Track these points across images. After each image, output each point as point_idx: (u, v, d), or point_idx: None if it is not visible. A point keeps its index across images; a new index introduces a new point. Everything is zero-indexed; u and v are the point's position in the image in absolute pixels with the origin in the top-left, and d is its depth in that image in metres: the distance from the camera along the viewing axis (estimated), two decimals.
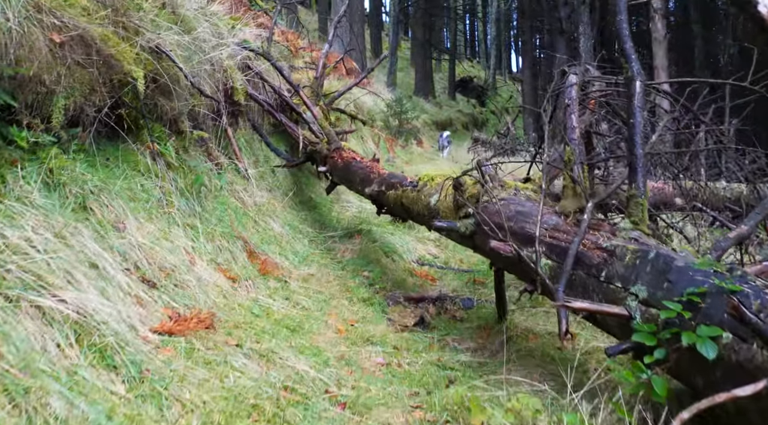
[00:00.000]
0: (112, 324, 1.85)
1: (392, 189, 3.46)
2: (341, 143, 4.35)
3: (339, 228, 4.72)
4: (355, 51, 10.88)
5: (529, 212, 2.47)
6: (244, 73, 4.54)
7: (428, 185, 3.14)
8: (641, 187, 2.11)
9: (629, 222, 2.10)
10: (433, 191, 3.06)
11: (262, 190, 4.42)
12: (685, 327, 1.69)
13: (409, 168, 9.04)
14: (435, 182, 3.10)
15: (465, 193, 2.75)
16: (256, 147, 4.83)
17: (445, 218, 2.89)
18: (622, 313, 1.87)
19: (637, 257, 1.95)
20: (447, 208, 2.88)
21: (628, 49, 2.31)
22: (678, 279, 1.80)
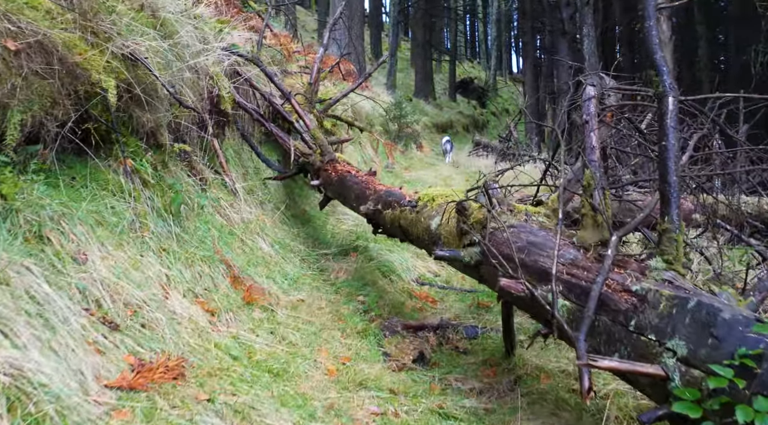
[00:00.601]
0: (54, 386, 1.56)
1: (389, 208, 3.17)
2: (336, 154, 4.07)
3: (333, 245, 4.44)
4: (353, 54, 10.59)
5: (542, 242, 2.18)
6: (233, 79, 4.25)
7: (428, 206, 2.85)
8: (675, 220, 1.82)
9: (661, 261, 1.82)
10: (434, 214, 2.77)
11: (251, 205, 4.14)
12: (738, 398, 1.40)
13: (408, 175, 8.76)
14: (436, 203, 2.81)
15: (470, 218, 2.46)
16: (245, 158, 4.55)
17: (447, 244, 2.60)
18: (657, 373, 1.59)
19: (673, 306, 1.66)
20: (449, 233, 2.59)
21: (658, 60, 2.03)
22: (725, 335, 1.51)
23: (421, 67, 24.36)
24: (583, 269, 1.99)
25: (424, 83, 24.47)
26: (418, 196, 3.02)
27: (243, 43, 4.63)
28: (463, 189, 3.01)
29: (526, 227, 2.30)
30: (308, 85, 5.00)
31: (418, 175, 8.76)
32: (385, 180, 8.08)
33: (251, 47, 4.75)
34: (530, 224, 2.32)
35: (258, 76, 4.68)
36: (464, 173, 10.61)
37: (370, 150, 8.62)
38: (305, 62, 5.88)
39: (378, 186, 3.46)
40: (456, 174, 9.92)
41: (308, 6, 33.80)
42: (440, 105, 26.17)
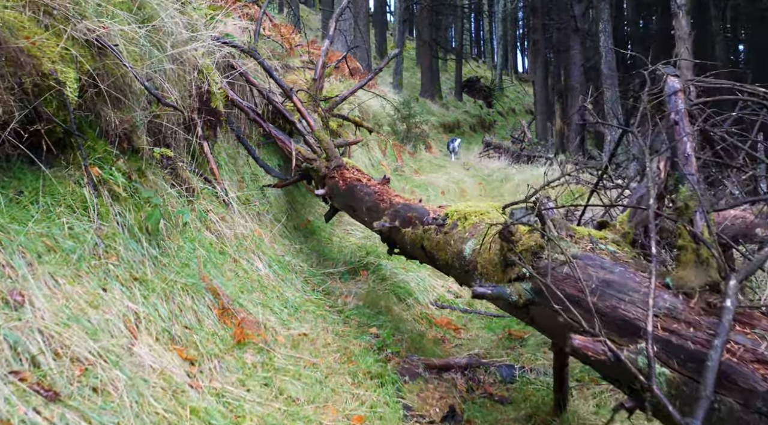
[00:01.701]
0: None
1: (409, 226, 2.64)
2: (343, 159, 3.54)
3: (341, 261, 3.91)
4: (360, 49, 10.06)
5: (620, 282, 1.65)
6: (226, 73, 3.74)
7: (459, 225, 2.32)
8: None
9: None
10: (468, 236, 2.24)
11: (246, 217, 3.62)
12: None
13: (419, 178, 8.23)
14: (469, 223, 2.28)
15: (518, 245, 1.93)
16: (241, 163, 4.03)
17: (486, 275, 2.08)
18: None
19: None
20: (488, 262, 2.06)
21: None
22: None
23: (428, 66, 23.83)
24: (688, 324, 1.45)
25: (430, 83, 23.94)
26: (444, 212, 2.49)
27: (239, 33, 4.11)
28: (497, 204, 2.49)
29: (594, 260, 1.76)
30: (312, 81, 4.48)
31: (429, 178, 8.23)
32: (395, 184, 7.56)
33: (248, 38, 4.23)
34: (599, 254, 1.79)
35: (256, 71, 4.16)
36: (476, 175, 10.08)
37: (378, 152, 8.10)
38: (309, 57, 5.36)
39: (394, 198, 2.93)
40: (468, 177, 9.39)
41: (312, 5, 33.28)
42: (447, 105, 25.65)
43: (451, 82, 30.31)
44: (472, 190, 8.35)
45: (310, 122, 3.59)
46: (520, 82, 43.12)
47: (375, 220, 2.94)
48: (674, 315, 1.49)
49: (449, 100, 27.33)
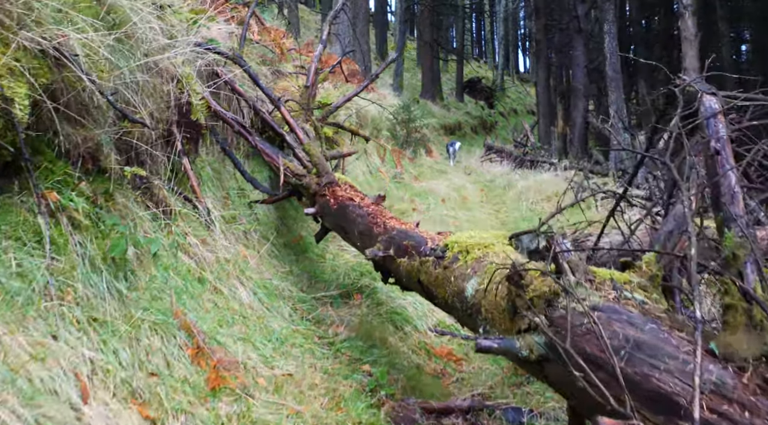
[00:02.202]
0: None
1: (405, 256, 2.37)
2: (335, 175, 3.28)
3: (333, 284, 3.64)
4: (357, 52, 9.79)
5: (653, 344, 1.38)
6: (210, 82, 3.47)
7: (460, 259, 2.05)
8: None
9: None
10: (470, 272, 1.98)
11: (230, 238, 3.35)
12: None
13: (419, 185, 7.97)
14: (471, 257, 2.02)
15: (528, 290, 1.66)
16: (227, 177, 3.77)
17: (492, 321, 1.81)
18: None
19: None
20: (494, 306, 1.80)
21: None
22: None
23: (428, 67, 23.57)
24: (741, 406, 1.18)
25: (431, 84, 23.68)
26: (444, 242, 2.22)
27: (225, 38, 3.84)
28: (502, 234, 2.22)
29: (620, 313, 1.49)
30: (304, 88, 4.22)
31: (429, 185, 7.97)
32: (394, 192, 7.30)
33: (235, 43, 3.96)
34: (624, 306, 1.52)
35: (244, 79, 3.89)
36: (478, 181, 9.81)
37: (376, 158, 7.83)
38: (302, 61, 5.09)
39: (389, 221, 2.66)
40: (469, 183, 9.12)
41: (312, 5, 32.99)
42: (448, 106, 25.38)
43: (452, 83, 30.03)
44: (473, 197, 8.09)
45: (300, 134, 3.32)
46: (522, 83, 42.83)
47: (368, 245, 2.67)
48: (723, 393, 1.22)
49: (450, 102, 27.06)
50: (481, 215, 6.98)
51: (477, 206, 7.55)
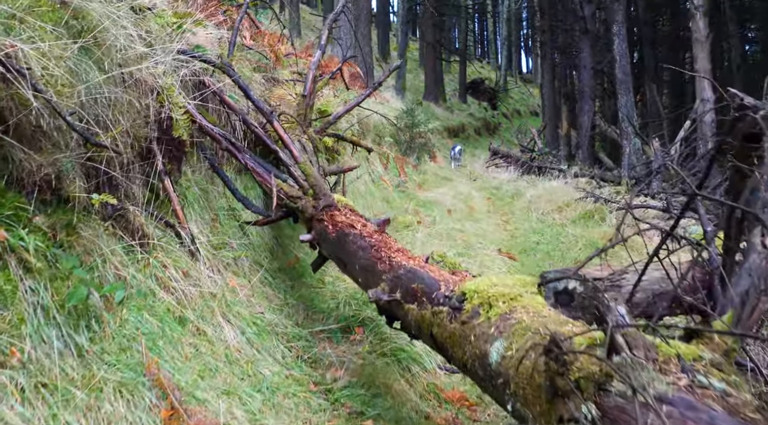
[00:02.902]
0: None
1: (414, 302, 2.04)
2: (334, 196, 2.94)
3: (333, 315, 3.31)
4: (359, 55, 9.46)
5: None
6: (196, 93, 3.14)
7: (482, 314, 1.72)
8: None
9: None
10: (493, 331, 1.64)
11: (218, 266, 3.02)
12: None
13: (423, 194, 7.63)
14: (495, 313, 1.68)
15: (572, 368, 1.32)
16: (215, 196, 3.44)
17: (524, 399, 1.47)
18: None
19: None
20: (527, 382, 1.46)
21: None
22: None
23: (431, 68, 23.23)
24: None
25: (434, 85, 23.34)
26: (460, 289, 1.88)
27: (214, 44, 3.51)
28: (530, 280, 1.88)
29: (697, 410, 1.16)
30: (301, 97, 3.89)
31: (434, 195, 7.63)
32: (397, 202, 6.96)
33: (227, 50, 3.63)
34: (701, 398, 1.18)
35: (234, 88, 3.56)
36: (484, 188, 9.47)
37: (379, 166, 7.50)
38: (299, 67, 4.75)
39: (395, 256, 2.32)
40: (475, 191, 8.78)
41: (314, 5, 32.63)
42: (451, 107, 25.04)
43: (455, 84, 29.68)
44: (480, 207, 7.74)
45: (294, 151, 2.99)
46: (525, 83, 42.47)
47: (370, 283, 2.34)
48: None
49: (453, 103, 26.72)
50: (489, 227, 6.63)
51: (484, 216, 7.21)
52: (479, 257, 5.17)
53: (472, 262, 4.98)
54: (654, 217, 6.46)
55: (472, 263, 4.95)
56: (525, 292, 1.75)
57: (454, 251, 5.10)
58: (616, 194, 7.48)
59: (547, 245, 5.87)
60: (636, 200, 6.96)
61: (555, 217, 6.84)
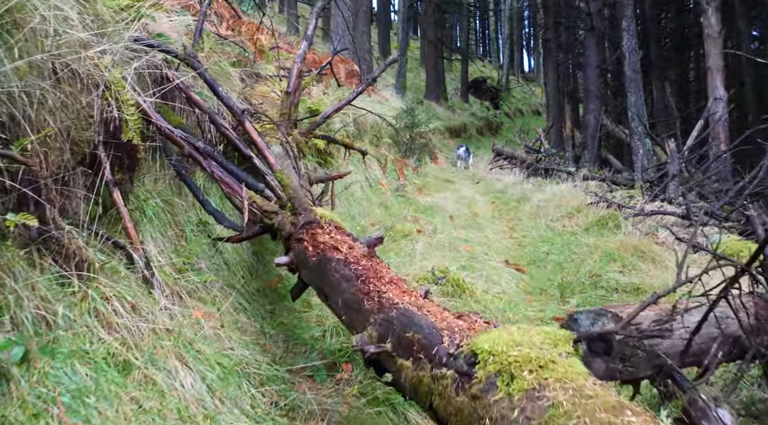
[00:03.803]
0: None
1: (409, 357, 1.57)
2: (317, 211, 2.48)
3: (317, 348, 2.85)
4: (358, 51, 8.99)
5: None
6: (158, 89, 2.68)
7: (500, 386, 1.25)
8: None
9: None
10: (518, 416, 1.17)
11: (181, 292, 2.56)
12: None
13: (424, 199, 7.16)
14: (518, 387, 1.21)
15: None
16: (182, 208, 2.98)
17: None
18: None
19: None
20: None
21: None
22: None
23: (433, 67, 22.77)
24: None
25: (435, 84, 22.89)
26: (470, 346, 1.42)
27: (181, 33, 3.05)
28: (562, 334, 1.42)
29: None
30: (285, 94, 3.43)
31: (435, 199, 7.16)
32: (396, 208, 6.50)
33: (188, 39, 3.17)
34: None
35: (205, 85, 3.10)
36: (488, 191, 9.00)
37: (376, 169, 7.03)
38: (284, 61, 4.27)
39: (386, 290, 1.86)
40: (479, 195, 8.32)
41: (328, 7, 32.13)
42: (452, 107, 24.59)
43: (457, 83, 29.23)
44: (484, 212, 7.27)
45: (270, 158, 2.53)
46: (527, 82, 41.98)
47: (355, 323, 1.88)
48: None
49: (455, 102, 26.27)
50: (495, 235, 6.17)
51: (489, 223, 6.74)
52: (485, 270, 4.71)
53: (477, 276, 4.52)
54: (673, 224, 5.99)
55: (477, 277, 4.49)
56: (558, 355, 1.29)
57: (457, 264, 4.64)
58: (630, 199, 7.00)
59: (558, 255, 5.40)
60: (651, 205, 6.49)
61: (565, 223, 6.37)
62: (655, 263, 4.82)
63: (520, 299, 4.33)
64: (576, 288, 4.45)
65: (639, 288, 4.24)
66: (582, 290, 4.42)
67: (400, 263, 4.49)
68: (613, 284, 4.39)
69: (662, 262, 4.85)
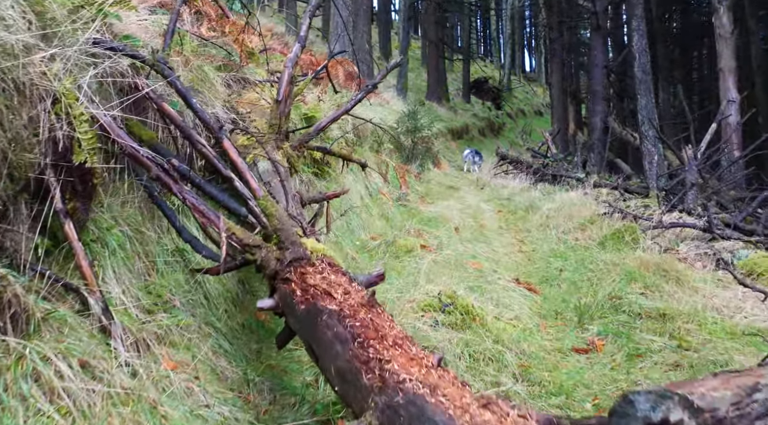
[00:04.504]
0: None
1: None
2: (307, 244, 2.10)
3: (308, 399, 2.46)
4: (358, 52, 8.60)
5: None
6: (122, 100, 2.30)
7: None
8: None
9: None
10: None
11: (149, 338, 2.18)
12: None
13: (427, 209, 6.77)
14: None
15: None
16: (155, 235, 2.60)
17: None
18: None
19: None
20: None
21: None
22: None
23: (434, 67, 22.38)
24: None
25: (437, 84, 22.50)
26: None
27: (153, 35, 2.67)
28: None
29: None
30: (275, 103, 3.05)
31: (438, 209, 6.77)
32: (398, 220, 6.12)
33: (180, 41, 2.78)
34: None
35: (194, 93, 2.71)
36: (493, 198, 8.61)
37: (377, 177, 6.65)
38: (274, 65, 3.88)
39: (388, 357, 1.48)
40: (485, 203, 7.92)
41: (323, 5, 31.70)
42: (454, 108, 24.21)
43: (458, 83, 28.86)
44: (491, 222, 6.89)
45: (252, 182, 2.14)
46: (528, 82, 41.60)
47: (350, 399, 1.50)
48: None
49: (457, 103, 25.90)
50: (503, 249, 5.79)
51: (496, 235, 6.36)
52: (495, 291, 4.33)
53: (486, 298, 4.14)
54: (694, 238, 5.61)
55: (487, 300, 4.10)
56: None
57: (465, 285, 4.26)
58: (645, 209, 6.61)
59: (572, 273, 5.02)
60: (669, 217, 6.11)
61: (578, 236, 5.98)
62: (680, 283, 4.43)
63: (535, 326, 3.95)
64: (595, 312, 4.07)
65: (665, 314, 3.86)
66: (602, 315, 4.04)
67: (404, 285, 4.12)
68: (636, 309, 4.00)
69: (687, 282, 4.46)
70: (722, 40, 11.46)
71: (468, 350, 3.11)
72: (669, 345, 3.46)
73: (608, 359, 3.44)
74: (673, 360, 3.28)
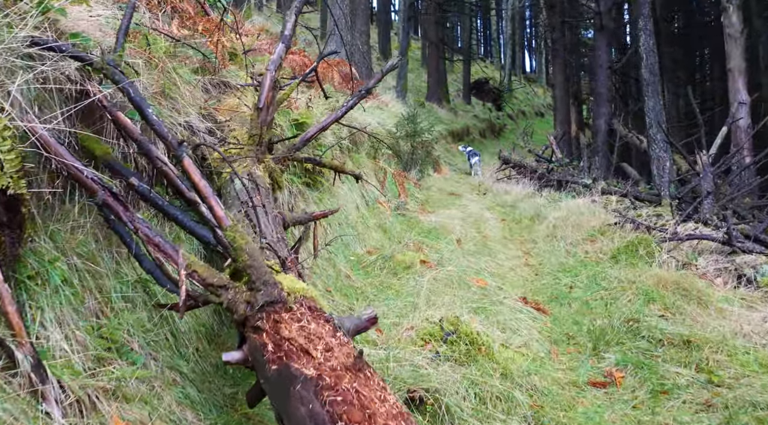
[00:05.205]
0: None
1: None
2: (283, 283, 1.74)
3: None
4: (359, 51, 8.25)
5: None
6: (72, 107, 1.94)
7: None
8: None
9: None
10: None
11: (95, 395, 1.82)
12: None
13: (427, 219, 6.41)
14: None
15: None
16: (113, 263, 2.24)
17: None
18: None
19: None
20: None
21: None
22: None
23: (434, 68, 22.04)
24: None
25: (437, 86, 22.17)
26: None
27: (108, 33, 2.31)
28: None
29: None
30: (255, 111, 2.69)
31: (439, 218, 6.41)
32: (397, 231, 5.76)
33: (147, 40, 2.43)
34: None
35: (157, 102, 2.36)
36: (496, 205, 8.25)
37: (374, 184, 6.29)
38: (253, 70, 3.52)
39: None
40: (487, 211, 7.56)
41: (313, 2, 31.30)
42: (454, 109, 23.86)
43: (459, 84, 28.50)
44: (495, 233, 6.53)
45: (218, 210, 1.78)
46: (529, 83, 41.23)
47: None
48: None
49: (457, 104, 25.53)
50: (508, 262, 5.43)
51: (500, 246, 6.00)
52: (501, 314, 3.97)
53: (492, 322, 3.79)
54: (712, 251, 5.25)
55: (492, 324, 3.75)
56: None
57: (468, 307, 3.91)
58: (657, 218, 6.26)
59: (584, 290, 4.67)
60: (685, 227, 5.75)
61: (587, 249, 5.62)
62: (702, 304, 4.07)
63: (546, 353, 3.60)
64: (611, 338, 3.72)
65: (690, 341, 3.50)
66: (619, 341, 3.68)
67: (402, 309, 3.77)
68: (657, 334, 3.64)
69: (710, 302, 4.10)
70: (731, 40, 11.11)
71: (473, 389, 2.75)
72: (697, 380, 3.10)
73: (629, 395, 3.08)
74: (703, 398, 2.93)
